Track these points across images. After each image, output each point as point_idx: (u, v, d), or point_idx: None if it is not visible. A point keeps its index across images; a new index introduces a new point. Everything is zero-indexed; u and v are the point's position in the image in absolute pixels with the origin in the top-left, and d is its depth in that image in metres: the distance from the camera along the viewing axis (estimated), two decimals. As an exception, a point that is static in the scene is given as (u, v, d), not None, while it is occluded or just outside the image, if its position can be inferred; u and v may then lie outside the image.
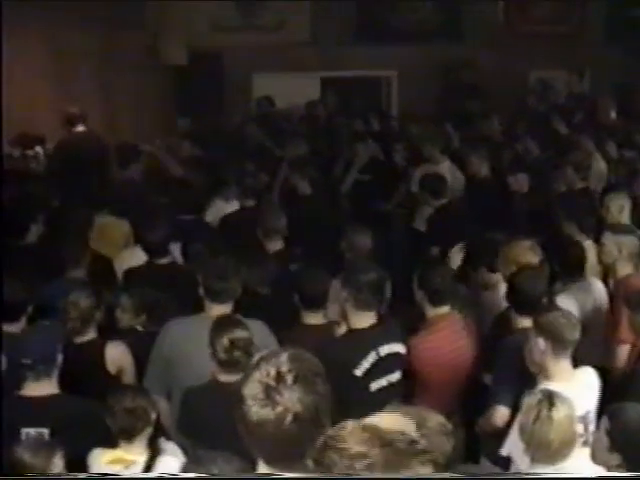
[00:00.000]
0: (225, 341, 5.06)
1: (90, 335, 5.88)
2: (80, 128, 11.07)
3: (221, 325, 5.19)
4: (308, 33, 14.71)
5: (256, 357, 2.87)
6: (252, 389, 2.75)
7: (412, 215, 9.53)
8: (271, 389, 2.73)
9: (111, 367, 5.78)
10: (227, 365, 5.08)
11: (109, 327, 6.18)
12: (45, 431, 4.95)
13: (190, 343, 5.49)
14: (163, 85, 13.85)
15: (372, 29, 14.83)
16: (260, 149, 11.26)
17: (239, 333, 5.10)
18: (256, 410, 2.73)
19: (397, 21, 14.94)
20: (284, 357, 2.79)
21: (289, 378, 2.73)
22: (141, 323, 6.34)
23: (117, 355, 5.84)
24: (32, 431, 4.95)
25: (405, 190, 10.38)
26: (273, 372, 2.75)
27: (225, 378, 5.09)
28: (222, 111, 13.66)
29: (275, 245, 7.62)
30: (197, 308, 5.87)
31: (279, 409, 2.71)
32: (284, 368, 2.75)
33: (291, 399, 2.71)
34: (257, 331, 5.37)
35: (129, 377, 5.81)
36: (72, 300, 5.82)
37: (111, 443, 4.82)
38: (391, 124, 12.97)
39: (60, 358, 5.13)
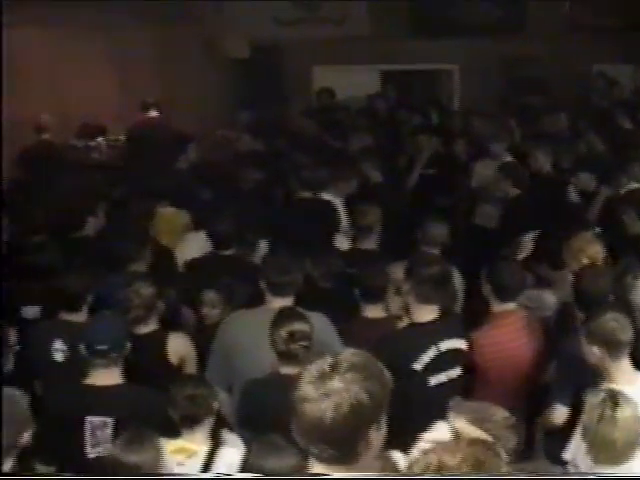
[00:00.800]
0: (284, 333, 5.09)
1: (152, 326, 5.92)
2: (153, 114, 11.30)
3: (281, 317, 5.22)
4: (369, 26, 14.68)
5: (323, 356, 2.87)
6: (310, 377, 2.76)
7: (472, 211, 9.43)
8: (325, 376, 2.73)
9: (173, 358, 5.82)
10: (286, 357, 5.11)
11: (170, 320, 6.22)
12: (109, 420, 5.01)
13: (251, 335, 5.52)
14: (224, 78, 13.93)
15: (434, 22, 14.75)
16: (319, 142, 11.25)
17: (299, 326, 5.13)
18: (312, 405, 2.73)
19: (459, 14, 14.83)
20: (346, 353, 2.80)
21: (344, 365, 2.74)
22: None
23: (179, 346, 5.88)
24: (96, 420, 5.02)
25: (466, 186, 10.29)
26: (330, 361, 2.75)
27: (285, 370, 5.13)
28: (282, 104, 13.67)
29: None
30: (258, 300, 5.89)
31: (335, 399, 2.71)
32: (341, 357, 2.76)
33: (345, 381, 2.72)
34: (318, 324, 5.39)
35: (190, 368, 5.84)
36: (135, 288, 5.88)
37: (174, 433, 4.86)
38: (452, 118, 12.87)
39: (128, 347, 5.19)
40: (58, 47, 12.44)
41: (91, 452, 5.04)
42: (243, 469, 4.33)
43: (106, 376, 5.12)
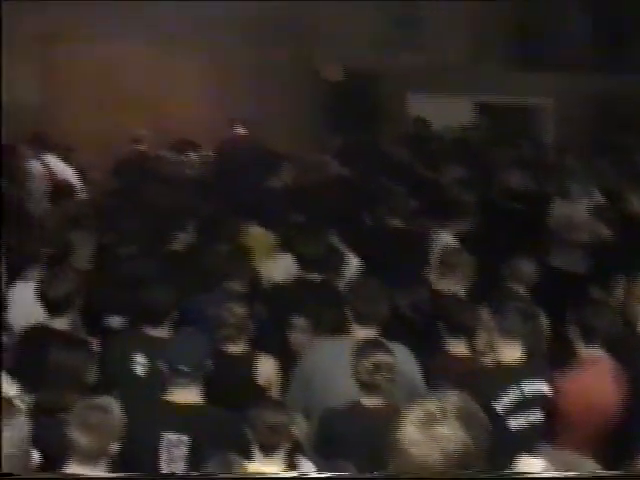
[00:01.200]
0: (367, 364, 5.06)
1: (241, 346, 5.96)
2: (240, 131, 11.42)
3: (365, 348, 5.19)
4: (465, 56, 14.65)
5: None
6: (413, 426, 2.73)
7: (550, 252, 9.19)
8: (434, 422, 2.70)
9: (261, 380, 5.85)
10: (368, 388, 5.09)
11: (258, 340, 6.22)
12: (185, 438, 5.02)
13: (333, 364, 5.50)
14: (317, 100, 14.00)
15: (530, 55, 14.67)
16: (411, 171, 11.21)
17: (383, 357, 5.10)
18: (417, 448, 2.71)
19: (556, 48, 14.73)
20: (449, 393, 2.77)
21: (451, 414, 2.71)
22: None
23: (268, 369, 5.90)
24: (173, 436, 5.03)
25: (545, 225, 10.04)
26: (437, 408, 2.72)
27: (366, 401, 5.10)
28: (374, 130, 13.68)
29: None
30: (343, 328, 5.88)
31: (438, 443, 2.69)
32: (448, 404, 2.73)
33: (453, 435, 2.69)
34: (401, 356, 5.36)
35: (275, 391, 5.85)
36: (229, 307, 5.92)
37: (249, 455, 4.85)
38: (544, 153, 12.74)
39: (209, 367, 5.20)
40: (157, 63, 12.68)
41: (165, 468, 5.05)
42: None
43: (185, 394, 5.13)
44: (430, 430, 2.72)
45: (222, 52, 12.95)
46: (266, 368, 5.89)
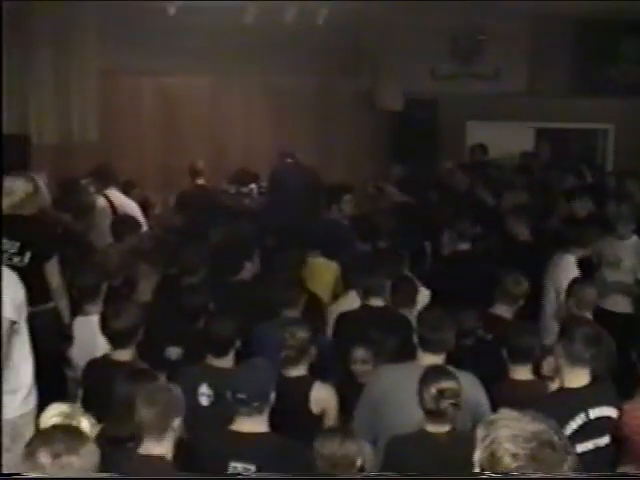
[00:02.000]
0: (434, 390, 5.06)
1: (301, 371, 5.99)
2: (291, 160, 11.56)
3: (431, 374, 5.20)
4: (524, 83, 14.63)
5: (494, 417, 2.84)
6: (485, 452, 2.72)
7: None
8: (509, 453, 2.69)
9: (314, 407, 5.85)
10: (434, 415, 5.09)
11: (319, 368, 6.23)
12: (252, 467, 5.04)
13: (400, 390, 5.51)
14: (377, 130, 14.06)
15: (590, 80, 14.61)
16: (472, 198, 11.19)
17: (448, 383, 5.10)
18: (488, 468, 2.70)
19: (616, 73, 14.65)
20: (525, 420, 2.75)
21: (531, 444, 2.69)
22: None
23: (322, 396, 5.90)
24: (239, 466, 5.05)
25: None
26: (514, 434, 2.71)
27: (432, 428, 5.11)
28: (435, 158, 13.69)
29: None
30: (409, 355, 5.90)
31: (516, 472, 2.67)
32: (526, 433, 2.71)
33: (529, 466, 2.67)
34: (467, 383, 5.37)
35: (330, 420, 5.86)
36: (290, 330, 5.97)
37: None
38: (606, 179, 12.62)
39: (273, 396, 5.22)
40: (217, 95, 12.82)
41: (232, 498, 5.08)
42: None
43: (250, 423, 5.15)
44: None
45: (280, 82, 13.05)
46: (320, 395, 5.89)
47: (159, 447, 4.64)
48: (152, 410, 4.63)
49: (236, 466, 5.06)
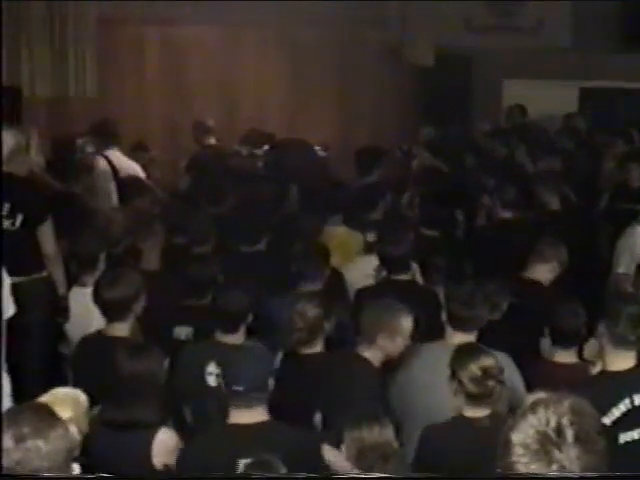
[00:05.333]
0: (475, 369, 4.97)
1: (317, 347, 5.95)
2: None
3: (466, 353, 5.12)
4: (569, 37, 14.50)
5: (531, 399, 2.78)
6: (526, 437, 2.66)
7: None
8: (549, 442, 2.63)
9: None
10: (477, 397, 5.00)
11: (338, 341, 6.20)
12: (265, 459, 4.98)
13: (427, 373, 5.50)
14: (405, 88, 13.97)
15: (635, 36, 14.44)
16: (509, 163, 11.11)
17: (489, 361, 5.02)
18: (526, 461, 2.65)
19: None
20: (566, 406, 2.69)
21: (570, 434, 2.64)
22: None
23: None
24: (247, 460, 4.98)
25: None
26: (553, 422, 2.66)
27: (472, 413, 5.02)
28: (468, 119, 13.61)
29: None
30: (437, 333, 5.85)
31: (554, 467, 2.62)
32: (565, 421, 2.65)
33: (569, 458, 2.63)
34: (503, 364, 5.27)
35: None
36: (299, 310, 5.91)
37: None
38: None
39: (271, 384, 5.04)
40: (229, 48, 12.74)
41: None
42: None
43: (251, 415, 4.93)
44: (545, 455, 2.64)
45: (299, 34, 12.96)
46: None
47: None
48: None
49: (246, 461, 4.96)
